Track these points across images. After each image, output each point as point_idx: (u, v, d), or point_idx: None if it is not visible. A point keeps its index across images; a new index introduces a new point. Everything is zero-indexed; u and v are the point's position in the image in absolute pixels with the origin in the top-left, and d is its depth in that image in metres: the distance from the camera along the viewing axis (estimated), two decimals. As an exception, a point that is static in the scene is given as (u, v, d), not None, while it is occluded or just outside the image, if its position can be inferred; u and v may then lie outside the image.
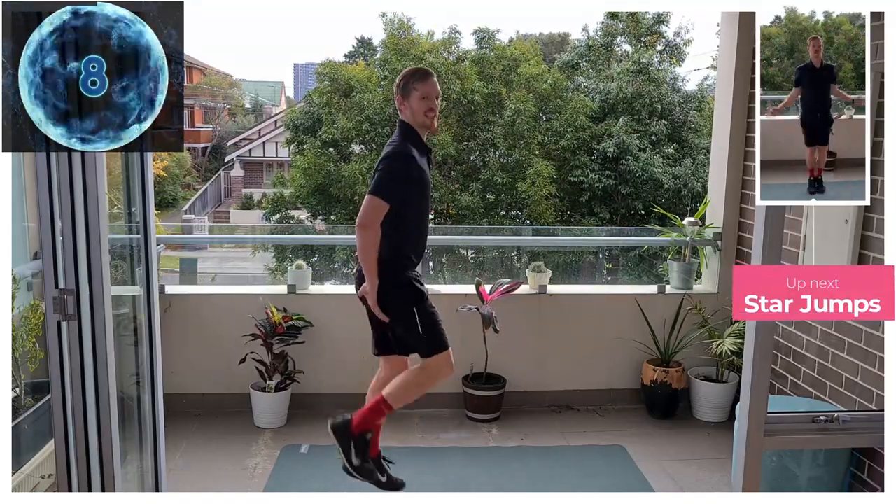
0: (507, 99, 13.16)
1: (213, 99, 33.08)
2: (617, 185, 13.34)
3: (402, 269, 3.16)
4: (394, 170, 3.08)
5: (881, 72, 3.22)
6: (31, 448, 3.19)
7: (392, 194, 3.05)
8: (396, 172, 3.08)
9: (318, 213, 13.91)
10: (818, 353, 3.79)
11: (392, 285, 3.12)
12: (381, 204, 3.03)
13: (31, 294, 3.62)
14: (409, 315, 3.13)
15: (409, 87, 3.17)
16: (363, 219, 3.05)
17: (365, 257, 3.08)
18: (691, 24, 18.97)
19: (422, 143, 3.21)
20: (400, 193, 3.08)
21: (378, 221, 3.05)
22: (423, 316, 3.13)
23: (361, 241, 3.06)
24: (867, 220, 3.38)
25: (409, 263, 3.20)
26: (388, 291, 3.11)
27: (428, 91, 3.16)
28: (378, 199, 3.03)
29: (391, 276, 3.12)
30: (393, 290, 3.12)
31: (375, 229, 3.05)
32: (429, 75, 3.21)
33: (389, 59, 13.78)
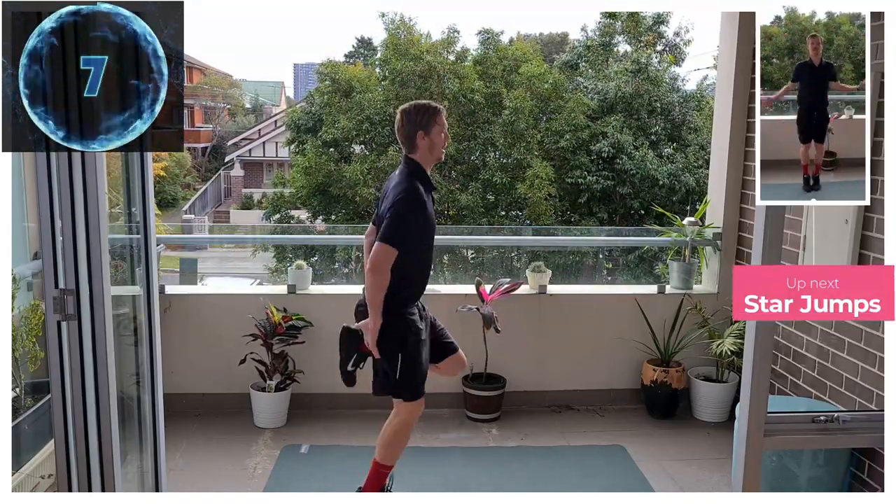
0: (506, 98, 13.17)
1: (213, 99, 33.07)
2: (615, 185, 13.34)
3: (402, 307, 3.22)
4: (405, 217, 3.12)
5: (881, 72, 3.22)
6: (31, 448, 3.19)
7: (402, 242, 3.10)
8: (407, 220, 3.12)
9: (319, 213, 13.91)
10: (818, 353, 3.79)
11: (388, 325, 3.17)
12: (392, 251, 3.09)
13: (31, 294, 3.62)
14: (393, 359, 3.20)
15: (431, 122, 3.18)
16: (374, 265, 3.09)
17: (373, 300, 3.14)
18: (691, 24, 18.97)
19: (428, 181, 3.24)
20: (409, 239, 3.13)
21: (389, 267, 3.10)
22: (404, 364, 3.20)
23: (371, 284, 3.12)
24: (867, 220, 3.38)
25: (409, 300, 3.26)
26: (386, 330, 3.17)
27: (445, 125, 3.23)
28: (389, 247, 3.08)
29: (390, 315, 3.17)
30: (390, 330, 3.18)
31: (386, 274, 3.11)
32: (443, 110, 3.26)
33: (389, 59, 13.78)
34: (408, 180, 3.16)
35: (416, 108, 3.21)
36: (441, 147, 3.21)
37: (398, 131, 3.24)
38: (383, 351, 3.19)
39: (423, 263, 3.31)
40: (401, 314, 3.20)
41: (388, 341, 3.18)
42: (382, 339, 3.18)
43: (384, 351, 3.19)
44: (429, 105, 3.23)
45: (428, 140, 3.17)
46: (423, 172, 3.21)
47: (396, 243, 3.08)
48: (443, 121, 3.21)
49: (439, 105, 3.27)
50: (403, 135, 3.21)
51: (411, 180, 3.16)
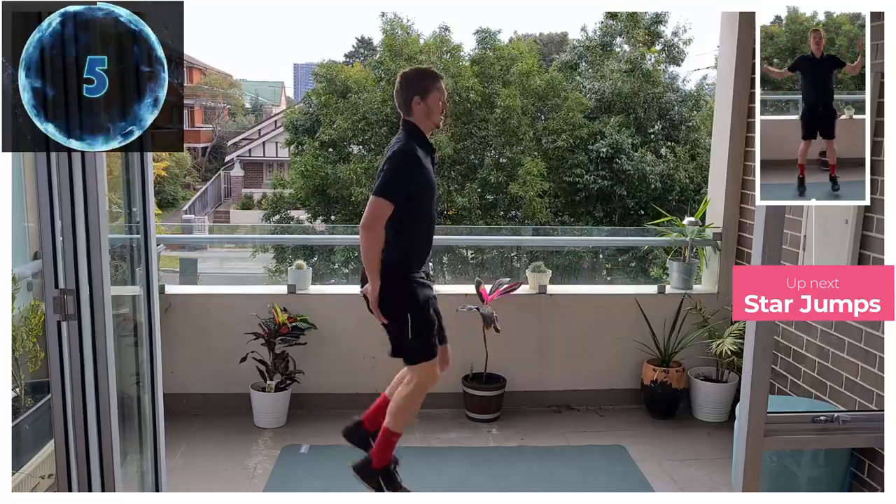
0: (497, 96, 13.18)
1: (213, 99, 33.07)
2: (612, 185, 13.35)
3: (406, 272, 3.16)
4: (398, 170, 3.07)
5: (881, 72, 3.22)
6: (31, 448, 3.19)
7: (396, 195, 3.04)
8: (401, 173, 3.07)
9: (318, 213, 13.92)
10: (818, 353, 3.79)
11: (392, 288, 3.11)
12: (385, 204, 3.02)
13: (31, 294, 3.62)
14: (402, 320, 3.14)
15: (428, 88, 3.16)
16: (367, 220, 3.04)
17: (367, 258, 3.08)
18: (689, 23, 18.91)
19: (427, 143, 3.21)
20: (404, 194, 3.07)
21: (382, 222, 3.03)
22: (415, 323, 3.14)
23: (364, 241, 3.06)
24: (867, 220, 3.38)
25: (413, 264, 3.19)
26: (387, 293, 3.11)
27: (443, 91, 3.21)
28: (382, 200, 3.02)
29: (393, 278, 3.12)
30: (392, 293, 3.12)
31: (379, 230, 3.04)
32: (442, 77, 3.25)
33: (384, 60, 13.80)
34: (404, 140, 3.14)
35: (415, 73, 3.22)
36: (438, 113, 3.18)
37: (396, 94, 3.23)
38: (391, 314, 3.13)
39: (425, 225, 3.23)
40: (405, 276, 3.15)
41: (395, 303, 3.12)
42: (389, 302, 3.11)
43: (392, 314, 3.13)
44: (427, 70, 3.24)
45: (424, 105, 3.16)
46: (422, 135, 3.19)
47: (390, 196, 3.02)
48: (441, 88, 3.19)
49: (438, 72, 3.27)
50: (401, 98, 3.20)
51: (409, 140, 3.14)
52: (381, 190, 3.04)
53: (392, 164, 3.07)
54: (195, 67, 31.17)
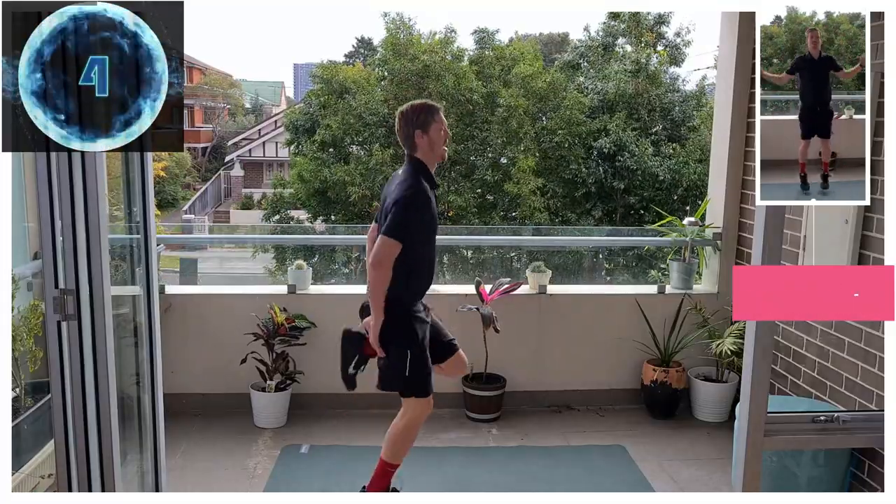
0: (501, 97, 13.18)
1: (213, 99, 33.08)
2: (613, 182, 13.35)
3: (408, 306, 3.22)
4: (409, 212, 3.12)
5: (881, 72, 3.22)
6: (31, 448, 3.19)
7: (405, 236, 3.10)
8: (411, 215, 3.12)
9: (318, 213, 13.92)
10: (818, 353, 3.79)
11: (394, 323, 3.17)
12: (396, 245, 3.08)
13: (31, 294, 3.62)
14: (402, 356, 3.19)
15: (429, 121, 3.19)
16: (377, 258, 3.09)
17: (374, 295, 3.13)
18: (693, 24, 18.97)
19: (432, 179, 3.25)
20: (413, 234, 3.13)
21: (391, 261, 3.09)
22: (414, 360, 3.19)
23: (373, 279, 3.12)
24: (867, 220, 3.38)
25: (414, 299, 3.26)
26: (389, 329, 3.16)
27: (443, 123, 3.24)
28: (392, 241, 3.08)
29: (395, 314, 3.17)
30: (394, 329, 3.17)
31: (388, 269, 3.10)
32: (440, 109, 3.27)
33: (388, 59, 13.80)
34: (413, 177, 3.17)
35: (412, 109, 3.23)
36: (441, 145, 3.22)
37: (398, 133, 3.26)
38: (391, 349, 3.18)
39: (427, 260, 3.30)
40: (406, 311, 3.20)
41: (396, 338, 3.17)
42: (391, 337, 3.17)
43: (392, 349, 3.18)
44: (424, 104, 3.25)
45: (427, 139, 3.19)
46: (427, 170, 3.23)
47: (399, 237, 3.07)
48: (441, 119, 3.22)
49: (436, 104, 3.28)
50: (403, 136, 3.23)
51: (416, 177, 3.17)
52: (391, 231, 3.08)
53: (403, 206, 3.11)
54: (195, 67, 31.17)
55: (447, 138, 3.26)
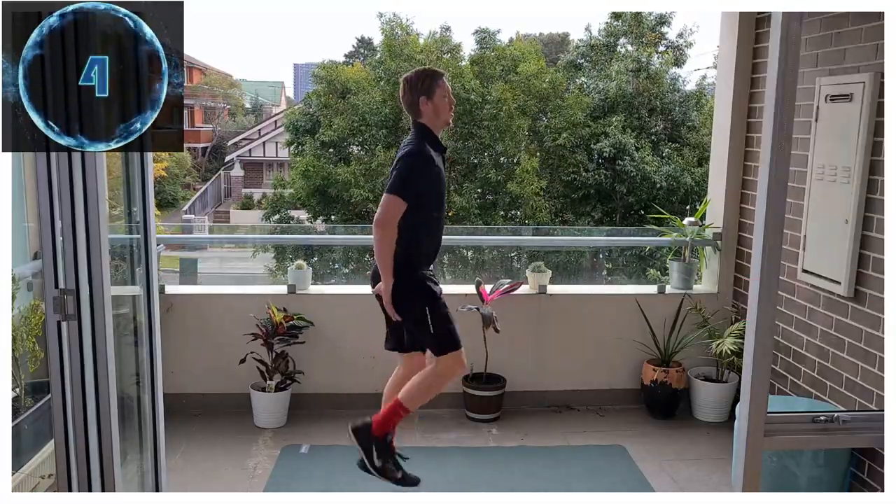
0: (488, 93, 13.18)
1: (213, 99, 33.08)
2: (613, 183, 13.36)
3: (417, 268, 3.19)
4: (412, 169, 3.11)
5: (881, 72, 3.23)
6: (31, 448, 3.19)
7: (410, 193, 3.08)
8: (414, 172, 3.11)
9: (318, 213, 13.92)
10: (818, 353, 3.79)
11: (406, 284, 3.15)
12: (399, 203, 3.06)
13: (31, 294, 3.62)
14: (421, 314, 3.16)
15: (433, 86, 3.19)
16: (380, 217, 3.07)
17: (381, 255, 3.11)
18: (696, 25, 18.90)
19: (438, 143, 3.25)
20: (417, 193, 3.10)
21: (396, 220, 3.07)
22: (434, 316, 3.16)
23: (378, 239, 3.10)
24: (867, 220, 3.38)
25: (423, 262, 3.23)
26: (401, 290, 3.14)
27: (447, 89, 3.23)
28: (396, 198, 3.06)
29: (406, 275, 3.15)
30: (406, 289, 3.15)
31: (393, 228, 3.07)
32: (444, 74, 3.27)
33: (384, 60, 13.82)
34: (417, 140, 3.18)
35: (416, 75, 3.24)
36: (446, 111, 3.22)
37: (402, 99, 3.27)
38: (408, 311, 3.16)
39: (435, 223, 3.27)
40: (417, 273, 3.18)
41: (412, 298, 3.15)
42: (405, 300, 3.14)
43: (409, 311, 3.16)
44: (429, 70, 3.26)
45: (431, 105, 3.19)
46: (433, 135, 3.22)
47: (404, 195, 3.06)
48: (444, 85, 3.22)
49: (441, 70, 3.29)
50: (407, 102, 3.24)
51: (421, 141, 3.18)
52: (395, 188, 3.07)
53: (406, 164, 3.11)
54: (195, 67, 31.17)
55: (452, 104, 3.25)
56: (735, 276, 4.70)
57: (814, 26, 3.72)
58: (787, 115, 1.97)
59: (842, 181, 3.47)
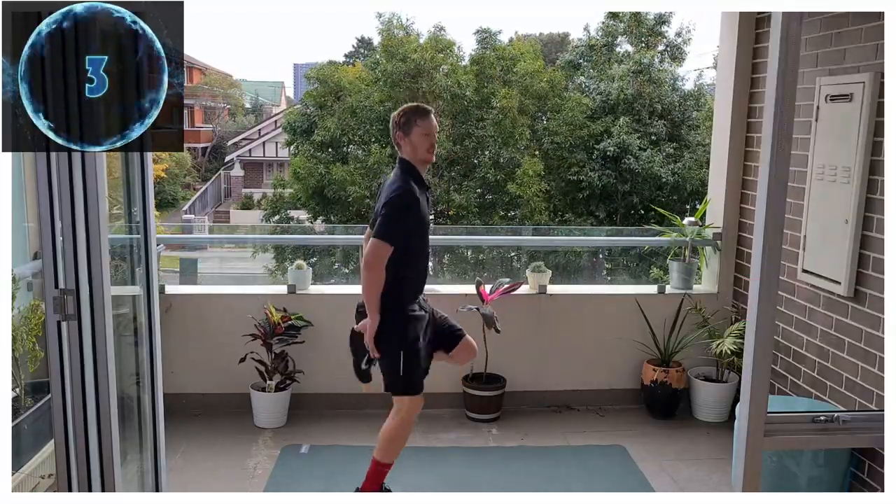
0: (493, 97, 13.18)
1: (213, 99, 33.08)
2: (616, 183, 13.36)
3: (402, 306, 3.24)
4: (398, 214, 3.15)
5: (881, 72, 3.23)
6: (31, 448, 3.19)
7: (397, 238, 3.13)
8: (400, 216, 3.15)
9: (318, 214, 13.92)
10: (818, 353, 3.79)
11: (390, 324, 3.20)
12: (386, 247, 3.11)
13: (31, 294, 3.62)
14: (395, 356, 3.22)
15: (410, 123, 3.21)
16: (369, 260, 3.13)
17: (369, 296, 3.17)
18: (694, 24, 18.93)
19: (422, 180, 3.28)
20: (403, 236, 3.16)
21: (384, 263, 3.13)
22: (407, 360, 3.22)
23: (366, 280, 3.16)
24: (867, 220, 3.37)
25: (408, 298, 3.28)
26: (385, 329, 3.20)
27: (429, 127, 3.23)
28: (383, 244, 3.11)
29: (391, 313, 3.20)
30: (389, 329, 3.20)
31: (381, 270, 3.13)
32: (428, 112, 3.27)
33: (380, 61, 13.83)
34: (401, 179, 3.21)
35: (400, 112, 3.29)
36: (424, 150, 3.22)
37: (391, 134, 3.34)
38: (384, 349, 3.21)
39: (420, 261, 3.33)
40: (401, 311, 3.23)
41: (389, 338, 3.21)
42: (383, 338, 3.20)
43: (385, 349, 3.21)
44: (411, 108, 3.28)
45: (408, 142, 3.22)
46: (416, 172, 3.25)
47: (390, 239, 3.11)
48: (426, 123, 3.22)
49: (426, 107, 3.29)
50: (392, 137, 3.31)
51: (405, 179, 3.21)
52: (381, 234, 3.13)
53: (392, 209, 3.15)
54: (195, 67, 31.17)
55: (432, 143, 3.24)
56: (735, 276, 4.70)
57: (814, 26, 3.72)
58: (787, 115, 1.97)
59: (842, 181, 3.47)
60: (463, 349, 3.50)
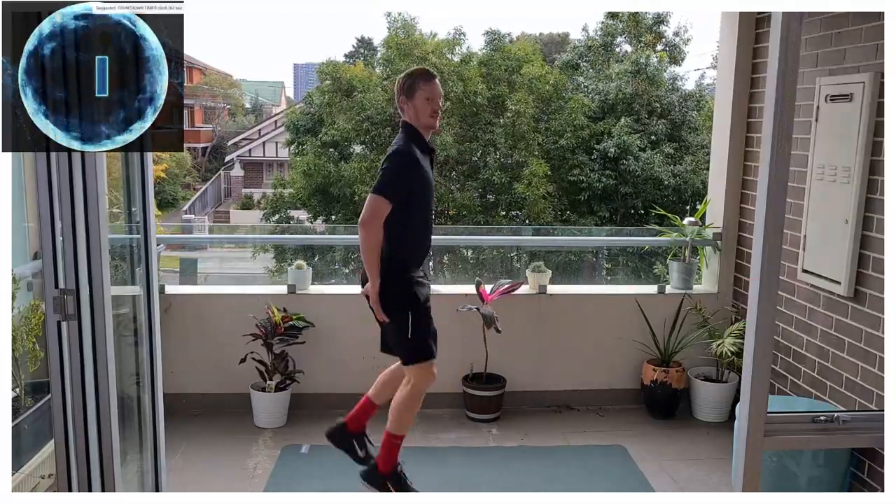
0: (508, 100, 13.18)
1: (213, 99, 33.08)
2: (617, 184, 13.36)
3: (405, 270, 3.19)
4: (396, 170, 3.10)
5: (881, 72, 3.23)
6: (31, 448, 3.19)
7: (394, 194, 3.07)
8: (399, 172, 3.10)
9: (319, 213, 13.91)
10: (818, 353, 3.79)
11: (393, 285, 3.14)
12: (384, 203, 3.05)
13: (31, 294, 3.62)
14: (402, 318, 3.16)
15: (414, 87, 3.19)
16: (365, 217, 3.07)
17: (367, 255, 3.10)
18: (690, 23, 18.90)
19: (425, 144, 3.24)
20: (402, 193, 3.10)
21: (380, 220, 3.06)
22: (415, 322, 3.16)
23: (363, 239, 3.09)
24: (867, 220, 3.38)
25: (412, 263, 3.22)
26: (388, 291, 3.13)
27: (432, 92, 3.19)
28: (380, 198, 3.05)
29: (393, 276, 3.14)
30: (392, 291, 3.14)
31: (377, 228, 3.07)
32: (433, 76, 3.24)
33: (392, 59, 13.78)
34: (402, 140, 3.19)
35: (406, 74, 3.27)
36: (426, 114, 3.18)
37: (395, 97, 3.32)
38: (392, 312, 3.16)
39: (423, 224, 3.27)
40: (405, 273, 3.18)
41: (396, 301, 3.15)
42: (390, 301, 3.14)
43: (393, 312, 3.16)
44: (415, 71, 3.27)
45: (411, 105, 3.19)
46: (419, 135, 3.21)
47: (388, 195, 3.06)
48: (429, 87, 3.18)
49: (430, 71, 3.26)
50: (396, 100, 3.29)
51: (407, 141, 3.18)
52: (379, 188, 3.07)
53: (390, 164, 3.11)
54: (195, 67, 31.18)
55: (435, 108, 3.19)
56: (735, 276, 4.70)
57: (814, 26, 3.72)
58: (787, 115, 1.97)
59: (842, 181, 3.47)
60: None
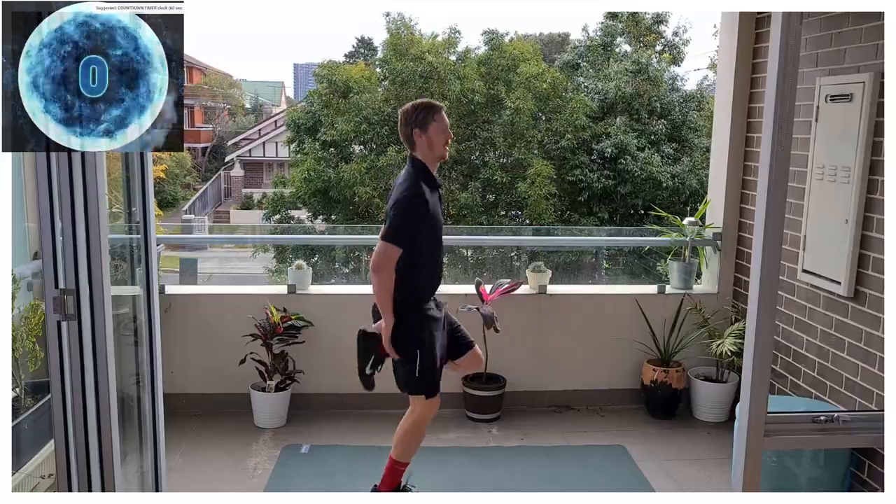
0: (507, 98, 13.17)
1: (213, 99, 33.07)
2: (616, 184, 13.36)
3: (416, 306, 3.23)
4: (406, 217, 3.12)
5: (881, 72, 3.23)
6: (31, 448, 3.19)
7: (404, 240, 3.11)
8: (408, 219, 3.13)
9: (319, 213, 13.90)
10: (818, 353, 3.79)
11: (404, 326, 3.18)
12: (394, 249, 3.09)
13: (31, 294, 3.62)
14: (411, 357, 3.21)
15: (427, 119, 3.17)
16: (377, 263, 3.11)
17: (381, 299, 3.16)
18: (689, 22, 18.93)
19: (433, 181, 3.24)
20: (412, 237, 3.13)
21: (391, 266, 3.11)
22: (424, 361, 3.21)
23: (376, 283, 3.14)
24: (867, 220, 3.38)
25: (422, 299, 3.27)
26: (399, 331, 3.18)
27: (444, 123, 3.21)
28: (390, 246, 3.10)
29: (406, 314, 3.19)
30: (403, 331, 3.19)
31: (389, 273, 3.11)
32: (442, 108, 3.25)
33: (389, 59, 13.77)
34: (411, 179, 3.17)
35: (413, 108, 3.23)
36: (441, 145, 3.20)
37: (399, 131, 3.27)
38: (401, 350, 3.20)
39: (433, 261, 3.30)
40: (417, 311, 3.22)
41: (406, 339, 3.19)
42: (400, 338, 3.18)
43: (402, 350, 3.20)
44: (426, 103, 3.24)
45: (425, 138, 3.18)
46: (427, 170, 3.22)
47: (398, 242, 3.09)
48: (441, 118, 3.20)
49: (438, 103, 3.27)
50: (403, 135, 3.24)
51: (415, 179, 3.17)
52: (389, 237, 3.11)
53: (400, 211, 3.12)
54: (195, 67, 31.18)
55: (448, 139, 3.23)
56: (735, 276, 4.70)
57: (814, 26, 3.72)
58: (787, 115, 1.97)
59: (842, 181, 3.47)
60: (470, 359, 3.50)
